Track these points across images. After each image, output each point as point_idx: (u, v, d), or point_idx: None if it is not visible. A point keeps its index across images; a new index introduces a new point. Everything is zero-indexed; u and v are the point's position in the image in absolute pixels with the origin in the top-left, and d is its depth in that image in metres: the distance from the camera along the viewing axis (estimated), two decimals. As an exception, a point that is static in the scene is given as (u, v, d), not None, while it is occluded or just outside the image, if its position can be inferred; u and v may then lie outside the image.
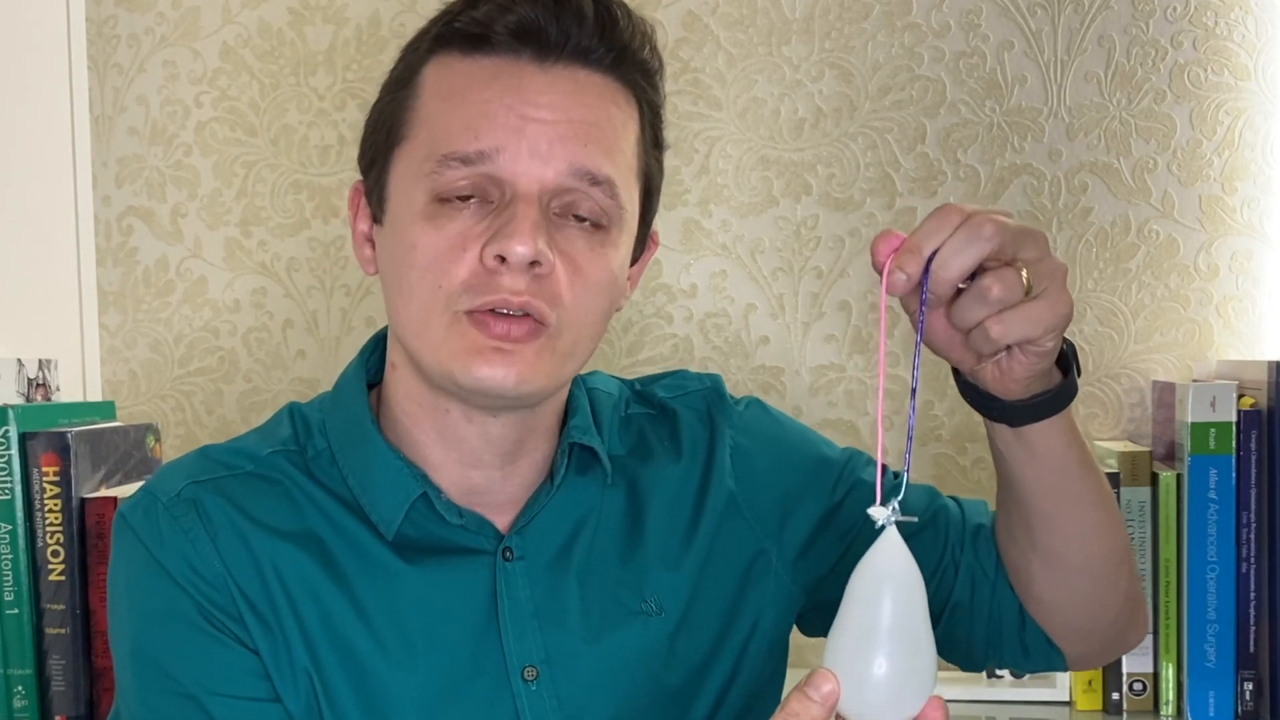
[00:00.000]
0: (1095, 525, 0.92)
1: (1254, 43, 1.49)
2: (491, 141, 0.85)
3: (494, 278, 0.85)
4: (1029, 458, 0.88)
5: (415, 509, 0.91)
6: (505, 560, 0.92)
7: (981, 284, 0.76)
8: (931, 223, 0.76)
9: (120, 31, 1.65)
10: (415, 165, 0.88)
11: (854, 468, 1.04)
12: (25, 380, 1.42)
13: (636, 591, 0.95)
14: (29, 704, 1.29)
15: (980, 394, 0.86)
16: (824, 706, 0.70)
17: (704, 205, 1.58)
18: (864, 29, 1.55)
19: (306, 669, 0.89)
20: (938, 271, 0.76)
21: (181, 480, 0.92)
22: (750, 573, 0.99)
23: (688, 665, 0.95)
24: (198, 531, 0.89)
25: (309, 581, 0.90)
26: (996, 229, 0.75)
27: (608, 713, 0.92)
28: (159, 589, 0.89)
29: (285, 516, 0.92)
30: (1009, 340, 0.78)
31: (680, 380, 1.06)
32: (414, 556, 0.91)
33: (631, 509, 0.97)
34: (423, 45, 0.91)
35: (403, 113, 0.90)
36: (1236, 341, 1.51)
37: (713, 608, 0.97)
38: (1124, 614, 0.98)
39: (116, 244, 1.66)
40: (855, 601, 0.72)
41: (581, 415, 0.96)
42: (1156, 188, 1.51)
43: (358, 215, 0.95)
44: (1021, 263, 0.77)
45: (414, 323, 0.88)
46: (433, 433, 0.92)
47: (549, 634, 0.91)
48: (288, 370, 1.64)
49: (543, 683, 0.91)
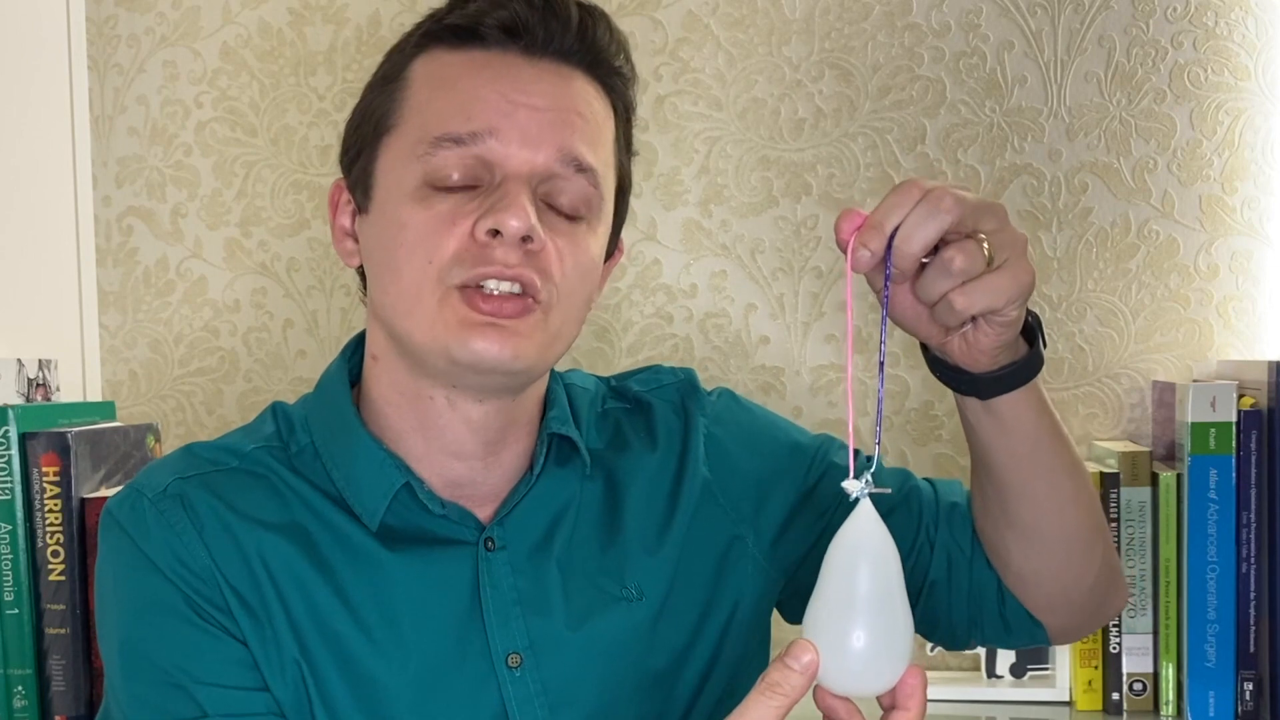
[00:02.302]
0: (1069, 496, 0.93)
1: (1254, 43, 1.49)
2: (484, 123, 0.88)
3: (486, 250, 0.86)
4: (999, 430, 0.89)
5: (398, 499, 0.92)
6: (487, 550, 0.93)
7: (943, 256, 0.78)
8: (892, 199, 0.77)
9: (120, 31, 1.65)
10: (406, 149, 0.90)
11: (827, 452, 1.05)
12: (25, 380, 1.42)
13: (617, 578, 0.96)
14: (29, 704, 1.29)
15: (949, 368, 0.87)
16: (804, 676, 0.71)
17: (704, 205, 1.58)
18: (864, 29, 1.55)
19: (295, 659, 0.90)
20: (900, 246, 0.77)
21: (168, 476, 0.93)
22: (727, 557, 1.00)
23: (670, 650, 0.97)
24: (184, 525, 0.90)
25: (295, 572, 0.91)
26: (955, 201, 0.77)
27: (592, 698, 0.93)
28: (146, 582, 0.90)
29: (271, 509, 0.93)
30: (973, 311, 0.79)
31: (655, 374, 1.08)
32: (397, 546, 0.92)
33: (610, 498, 0.99)
34: (410, 44, 0.94)
35: (391, 104, 0.93)
36: (1236, 341, 1.51)
37: (692, 592, 0.98)
38: (1101, 582, 0.99)
39: (116, 244, 1.66)
40: (832, 573, 0.73)
41: (559, 408, 0.98)
42: (1156, 188, 1.51)
43: (338, 211, 0.97)
44: (982, 234, 0.79)
45: (404, 301, 0.89)
46: (415, 424, 0.93)
47: (532, 622, 0.93)
48: (288, 370, 1.64)
49: (527, 669, 0.92)
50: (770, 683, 0.72)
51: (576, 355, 1.58)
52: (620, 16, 1.56)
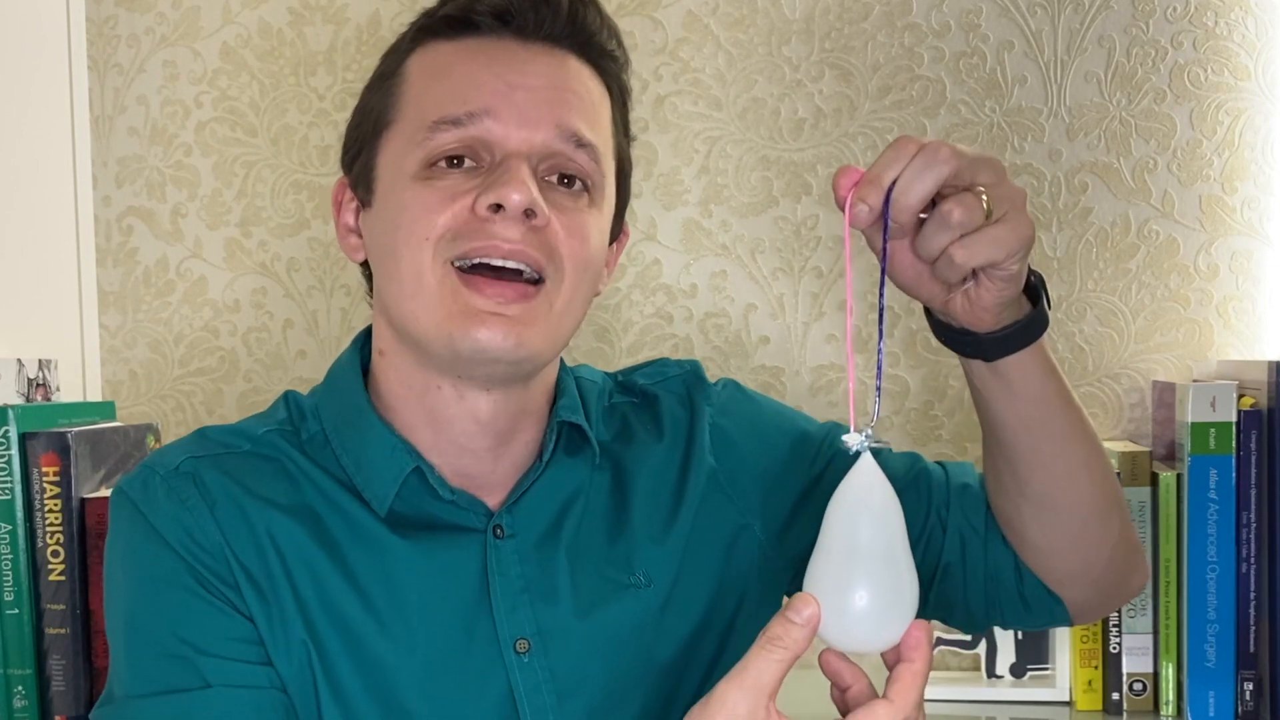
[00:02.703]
0: (1080, 460, 0.93)
1: (1254, 43, 1.49)
2: (480, 104, 0.89)
3: (485, 225, 0.87)
4: (1007, 393, 0.89)
5: (408, 485, 0.92)
6: (496, 538, 0.94)
7: (942, 209, 0.77)
8: (889, 154, 0.77)
9: (120, 31, 1.65)
10: (406, 138, 0.91)
11: (833, 440, 1.05)
12: (25, 380, 1.42)
13: (625, 566, 0.96)
14: (29, 704, 1.29)
15: (954, 331, 0.87)
16: (806, 629, 0.71)
17: (704, 205, 1.58)
18: (864, 29, 1.55)
19: (302, 639, 0.90)
20: (898, 199, 0.77)
21: (181, 455, 0.94)
22: (734, 547, 1.01)
23: (677, 638, 0.97)
24: (195, 501, 0.91)
25: (304, 554, 0.91)
26: (952, 153, 0.77)
27: (599, 685, 0.93)
28: (156, 554, 0.90)
29: (282, 490, 0.93)
30: (974, 264, 0.79)
31: (660, 367, 1.09)
32: (406, 532, 0.93)
33: (617, 488, 0.99)
34: (405, 42, 0.96)
35: (389, 99, 0.94)
36: (1236, 341, 1.51)
37: (700, 581, 0.99)
38: (1119, 556, 0.98)
39: (116, 244, 1.66)
40: (832, 528, 0.72)
41: (569, 396, 0.98)
42: (1156, 188, 1.51)
43: (341, 209, 0.98)
44: (980, 187, 0.78)
45: (407, 286, 0.89)
46: (424, 417, 0.93)
47: (540, 609, 0.93)
48: (288, 370, 1.64)
49: (535, 655, 0.92)
50: (771, 636, 0.71)
51: (577, 356, 1.58)
52: (620, 16, 1.56)
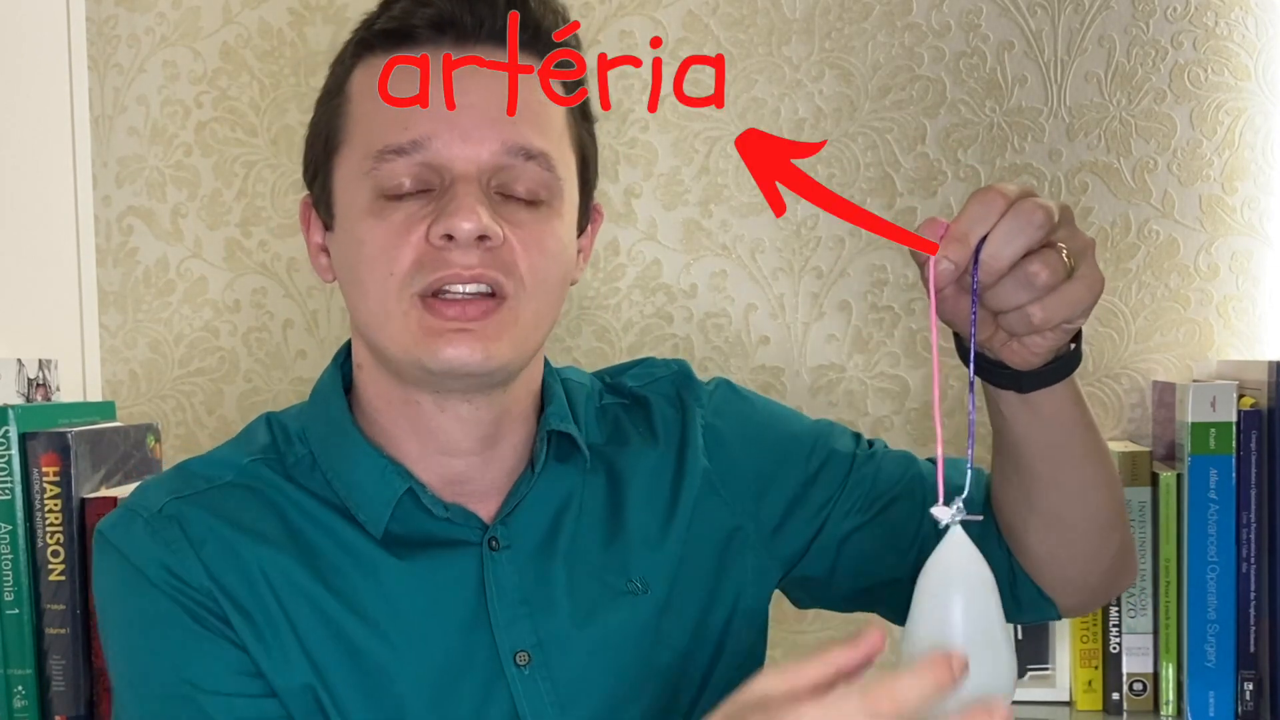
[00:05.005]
0: (1094, 482, 0.93)
1: (1254, 43, 1.49)
2: (422, 130, 0.88)
3: (443, 254, 0.86)
4: (1035, 421, 0.88)
5: (401, 505, 0.92)
6: (491, 550, 0.93)
7: (1029, 270, 0.75)
8: (976, 209, 0.74)
9: (120, 31, 1.65)
10: (355, 165, 0.90)
11: (827, 439, 1.05)
12: (25, 380, 1.42)
13: (622, 573, 0.96)
14: (29, 704, 1.29)
15: (989, 362, 0.85)
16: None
17: (704, 205, 1.58)
18: (864, 29, 1.55)
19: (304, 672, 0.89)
20: (989, 262, 0.74)
21: (163, 496, 0.93)
22: (728, 549, 1.01)
23: (676, 643, 0.97)
24: (180, 544, 0.90)
25: (300, 586, 0.91)
26: (1047, 216, 0.74)
27: (601, 694, 0.93)
28: (143, 595, 0.90)
29: (270, 523, 0.93)
30: (1051, 324, 0.77)
31: (648, 368, 1.07)
32: (402, 552, 0.92)
33: (612, 493, 0.99)
34: (347, 55, 0.94)
35: (337, 119, 0.93)
36: (1236, 341, 1.51)
37: (696, 584, 0.98)
38: (1117, 562, 0.99)
39: (116, 244, 1.66)
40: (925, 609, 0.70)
41: (557, 403, 0.98)
42: (1156, 188, 1.51)
43: (310, 227, 0.97)
44: (1061, 245, 0.76)
45: (374, 317, 0.89)
46: (408, 428, 0.93)
47: (538, 620, 0.93)
48: (288, 370, 1.64)
49: (535, 667, 0.92)
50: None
51: (577, 355, 1.58)
52: (620, 16, 1.56)
